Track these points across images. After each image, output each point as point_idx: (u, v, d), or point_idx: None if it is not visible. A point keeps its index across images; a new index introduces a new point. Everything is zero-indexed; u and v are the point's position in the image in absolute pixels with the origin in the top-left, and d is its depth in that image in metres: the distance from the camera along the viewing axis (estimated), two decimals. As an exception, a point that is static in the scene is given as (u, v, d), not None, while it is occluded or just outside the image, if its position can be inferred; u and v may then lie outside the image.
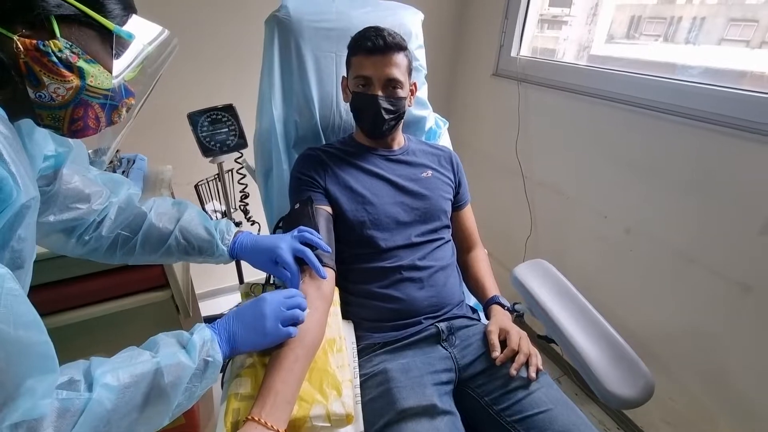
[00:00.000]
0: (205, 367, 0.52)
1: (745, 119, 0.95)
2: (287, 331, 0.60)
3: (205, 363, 0.52)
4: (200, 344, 0.53)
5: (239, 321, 0.59)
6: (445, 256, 0.89)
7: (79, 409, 0.41)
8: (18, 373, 0.36)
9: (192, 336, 0.53)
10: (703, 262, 1.08)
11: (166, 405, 0.49)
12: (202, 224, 0.73)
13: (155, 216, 0.70)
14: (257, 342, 0.59)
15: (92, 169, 0.69)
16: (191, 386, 0.51)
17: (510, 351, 0.74)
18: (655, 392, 0.76)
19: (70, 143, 0.62)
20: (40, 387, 0.38)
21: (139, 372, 0.47)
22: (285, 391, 0.57)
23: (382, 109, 0.83)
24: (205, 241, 0.72)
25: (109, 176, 0.71)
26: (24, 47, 0.41)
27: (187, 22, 1.36)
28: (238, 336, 0.58)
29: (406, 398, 0.66)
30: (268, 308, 0.60)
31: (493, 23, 1.61)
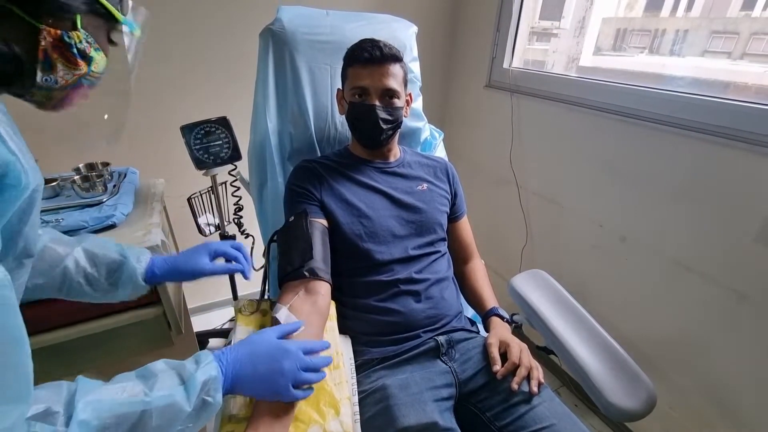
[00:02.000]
0: (201, 407, 0.47)
1: (736, 128, 0.96)
2: (295, 395, 0.54)
3: (203, 402, 0.47)
4: (202, 383, 0.48)
5: (252, 365, 0.53)
6: (441, 269, 0.88)
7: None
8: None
9: (196, 373, 0.48)
10: (698, 270, 1.08)
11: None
12: (110, 245, 0.66)
13: (51, 239, 0.62)
14: (261, 395, 0.55)
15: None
16: (183, 428, 0.46)
17: (511, 364, 0.73)
18: (659, 410, 0.75)
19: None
20: (7, 418, 0.34)
21: (124, 412, 0.42)
22: (279, 411, 0.55)
23: (380, 119, 0.83)
24: (115, 262, 0.64)
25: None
26: (50, 37, 0.41)
27: (181, 34, 1.36)
28: (245, 382, 0.52)
29: (406, 416, 0.64)
30: (287, 365, 0.54)
31: (485, 36, 1.64)
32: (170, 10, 1.32)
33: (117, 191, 0.96)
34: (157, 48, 1.34)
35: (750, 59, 1.09)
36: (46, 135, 1.29)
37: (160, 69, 1.37)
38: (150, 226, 0.88)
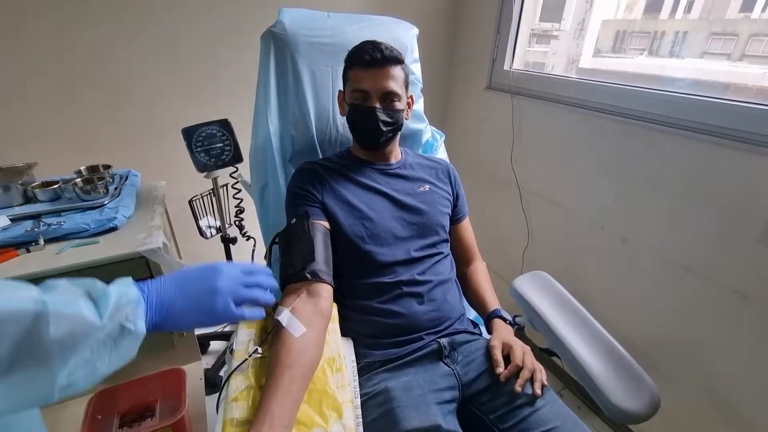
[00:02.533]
0: (119, 333, 0.39)
1: (737, 129, 0.96)
2: (241, 313, 0.49)
3: (120, 328, 0.39)
4: (116, 301, 0.39)
5: (180, 291, 0.47)
6: (444, 271, 0.88)
7: None
8: None
9: (108, 288, 0.40)
10: (700, 271, 1.08)
11: (48, 374, 0.34)
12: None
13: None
14: (199, 321, 0.48)
15: None
16: (93, 359, 0.37)
17: (514, 367, 0.72)
18: (663, 411, 0.75)
19: None
20: None
21: (13, 309, 0.33)
22: (281, 414, 0.55)
23: (380, 121, 0.83)
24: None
25: None
26: None
27: (182, 37, 1.36)
28: (176, 309, 0.45)
29: (410, 418, 0.63)
30: (223, 283, 0.49)
31: (486, 38, 1.64)
32: (172, 14, 1.33)
33: (118, 194, 0.96)
34: (159, 51, 1.35)
35: (749, 60, 1.09)
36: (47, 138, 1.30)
37: (162, 71, 1.37)
38: (152, 228, 0.88)
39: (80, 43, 1.25)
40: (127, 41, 1.30)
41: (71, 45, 1.24)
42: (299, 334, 0.63)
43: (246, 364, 0.64)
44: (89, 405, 0.98)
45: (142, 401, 1.05)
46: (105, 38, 1.27)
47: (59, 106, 1.28)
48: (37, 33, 1.19)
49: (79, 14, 1.22)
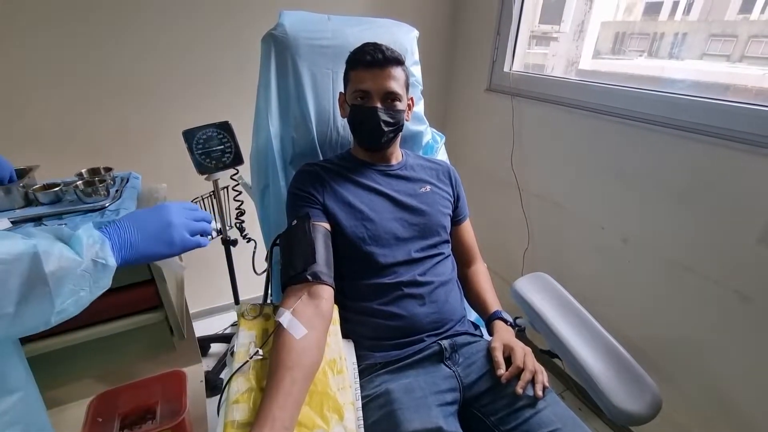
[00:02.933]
0: (93, 268, 0.46)
1: (736, 130, 0.96)
2: (197, 241, 0.57)
3: (93, 264, 0.46)
4: (87, 242, 0.46)
5: (137, 229, 0.53)
6: (445, 272, 0.88)
7: None
8: None
9: (76, 232, 0.46)
10: (700, 271, 1.08)
11: (49, 301, 0.41)
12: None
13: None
14: (161, 252, 0.55)
15: None
16: (77, 289, 0.44)
17: (515, 368, 0.72)
18: (664, 413, 0.75)
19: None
20: None
21: (14, 251, 0.39)
22: (283, 416, 0.55)
23: (382, 121, 0.83)
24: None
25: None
26: None
27: (182, 39, 1.37)
28: (138, 244, 0.52)
29: (411, 421, 0.63)
30: (174, 217, 0.56)
31: (485, 40, 1.64)
32: (172, 17, 1.33)
33: (119, 196, 0.96)
34: (159, 53, 1.35)
35: (749, 62, 1.09)
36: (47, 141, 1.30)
37: (162, 74, 1.38)
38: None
39: (80, 46, 1.25)
40: (127, 43, 1.30)
41: (72, 48, 1.25)
42: (300, 336, 0.63)
43: (247, 366, 0.64)
44: (90, 407, 0.98)
45: (142, 403, 1.05)
46: (105, 41, 1.28)
47: (60, 109, 1.29)
48: (37, 36, 1.20)
49: (80, 17, 1.23)
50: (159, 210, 0.57)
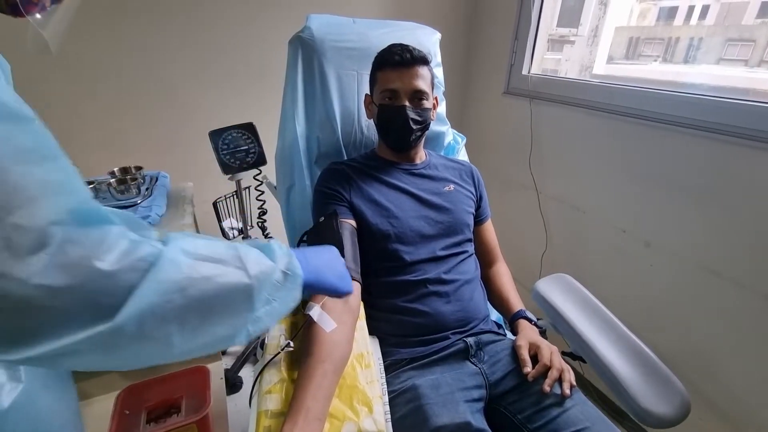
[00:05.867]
0: (284, 279, 0.44)
1: (761, 130, 0.95)
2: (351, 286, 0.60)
3: (284, 275, 0.45)
4: (279, 252, 0.45)
5: (317, 257, 0.55)
6: (469, 270, 0.88)
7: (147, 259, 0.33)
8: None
9: (270, 243, 0.46)
10: (726, 274, 1.06)
11: (248, 303, 0.40)
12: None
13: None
14: (333, 284, 0.56)
15: None
16: (270, 298, 0.43)
17: (542, 366, 0.72)
18: (693, 424, 0.73)
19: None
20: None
21: (218, 250, 0.39)
22: (316, 407, 0.56)
23: (410, 119, 0.84)
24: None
25: None
26: None
27: (208, 44, 1.41)
28: (319, 269, 0.53)
29: (439, 415, 0.64)
30: (338, 254, 0.61)
31: (504, 44, 1.65)
32: (199, 24, 1.37)
33: (150, 194, 0.99)
34: (186, 58, 1.39)
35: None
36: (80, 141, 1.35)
37: (189, 77, 1.42)
38: (183, 226, 0.91)
39: (114, 55, 1.30)
40: (157, 51, 1.35)
41: (104, 52, 1.29)
42: (330, 330, 0.64)
43: (278, 358, 0.65)
44: (118, 400, 1.00)
45: (168, 398, 1.07)
46: (137, 49, 1.32)
47: (92, 111, 1.33)
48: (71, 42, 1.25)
49: (114, 29, 1.27)
50: (328, 249, 0.61)
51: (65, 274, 0.28)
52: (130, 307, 0.31)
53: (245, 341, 0.43)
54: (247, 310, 0.40)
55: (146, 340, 0.33)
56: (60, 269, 0.28)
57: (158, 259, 0.33)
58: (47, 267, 0.27)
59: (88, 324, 0.30)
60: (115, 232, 0.32)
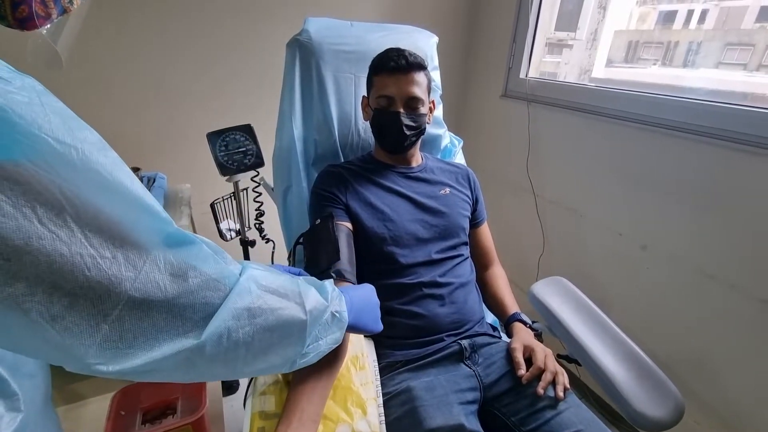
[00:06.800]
0: (332, 319, 0.48)
1: (758, 135, 0.96)
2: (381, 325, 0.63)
3: (332, 316, 0.48)
4: (332, 293, 0.49)
5: (363, 301, 0.58)
6: (464, 273, 0.89)
7: (227, 283, 0.37)
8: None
9: (324, 283, 0.50)
10: (722, 278, 1.06)
11: (301, 338, 0.43)
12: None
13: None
14: (369, 327, 0.60)
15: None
16: (319, 335, 0.45)
17: (536, 369, 0.73)
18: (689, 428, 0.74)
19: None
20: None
21: (284, 284, 0.42)
22: (310, 409, 0.56)
23: (404, 125, 0.85)
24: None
25: None
26: None
27: (207, 46, 1.41)
28: (361, 314, 0.56)
29: (433, 417, 0.64)
30: (377, 299, 0.64)
31: (502, 47, 1.66)
32: (199, 26, 1.38)
33: (147, 195, 1.00)
34: (185, 60, 1.40)
35: (767, 71, 1.08)
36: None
37: (187, 79, 1.42)
38: (180, 227, 0.91)
39: (114, 56, 1.30)
40: (155, 52, 1.35)
41: (103, 55, 1.30)
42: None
43: (273, 360, 0.65)
44: (113, 401, 1.00)
45: (164, 399, 1.07)
46: (137, 50, 1.33)
47: (90, 112, 1.33)
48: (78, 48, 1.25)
49: (115, 28, 1.28)
50: (368, 289, 0.64)
51: (161, 288, 0.33)
52: (212, 326, 0.35)
53: (288, 371, 0.46)
54: (299, 344, 0.44)
55: (217, 362, 0.37)
56: (157, 285, 0.33)
57: (236, 284, 0.37)
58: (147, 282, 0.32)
59: (176, 338, 0.33)
60: (203, 252, 0.36)
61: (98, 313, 0.30)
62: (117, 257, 0.31)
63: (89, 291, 0.29)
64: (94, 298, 0.30)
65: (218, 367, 0.37)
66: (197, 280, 0.35)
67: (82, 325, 0.30)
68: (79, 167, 0.30)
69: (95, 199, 0.30)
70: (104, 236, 0.30)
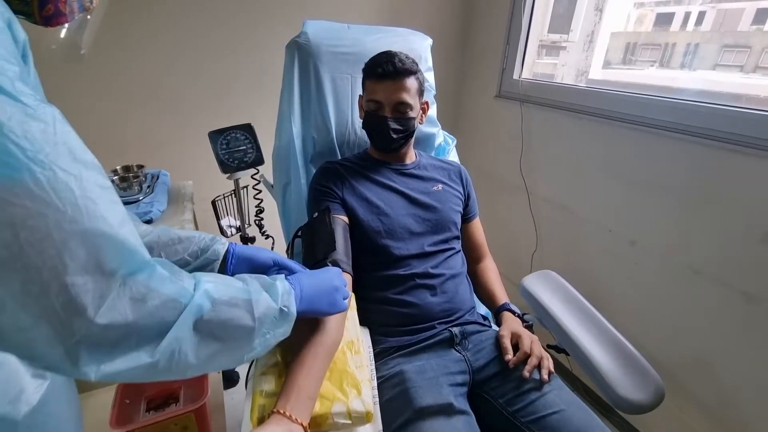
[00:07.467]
0: (280, 315, 0.52)
1: (741, 134, 1.00)
2: (346, 305, 0.66)
3: (280, 312, 0.52)
4: (281, 291, 0.53)
5: (315, 285, 0.62)
6: (456, 265, 0.92)
7: (182, 301, 0.41)
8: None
9: (275, 282, 0.54)
10: (707, 272, 1.10)
11: (249, 341, 0.48)
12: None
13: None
14: (324, 311, 0.63)
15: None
16: (266, 332, 0.50)
17: (522, 354, 0.76)
18: (664, 403, 0.78)
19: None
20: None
21: (236, 295, 0.47)
22: (307, 387, 0.60)
23: (391, 129, 0.88)
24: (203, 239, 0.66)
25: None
26: None
27: (208, 47, 1.45)
28: (312, 300, 0.60)
29: (423, 397, 0.68)
30: (338, 281, 0.66)
31: (496, 49, 1.71)
32: (201, 28, 1.42)
33: (152, 191, 1.03)
34: (188, 61, 1.44)
35: (763, 72, 1.10)
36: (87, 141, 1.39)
37: (190, 80, 1.46)
38: (184, 222, 0.95)
39: (117, 53, 1.34)
40: (159, 53, 1.39)
41: (109, 55, 1.33)
42: (322, 317, 0.68)
43: (273, 344, 0.69)
44: (118, 390, 1.03)
45: (167, 388, 1.11)
46: (136, 49, 1.37)
47: (96, 111, 1.37)
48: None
49: (121, 27, 1.32)
50: (328, 273, 0.66)
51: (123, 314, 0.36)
52: (164, 344, 0.39)
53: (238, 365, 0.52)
54: (247, 347, 0.49)
55: (171, 371, 0.41)
56: (119, 311, 0.36)
57: (190, 301, 0.41)
58: (111, 309, 0.35)
59: (131, 355, 0.37)
60: (160, 274, 0.40)
61: (59, 335, 0.33)
62: (87, 284, 0.33)
63: (54, 316, 0.32)
64: (58, 323, 0.33)
65: (169, 375, 0.42)
66: (155, 301, 0.38)
67: (44, 344, 0.33)
68: (75, 193, 0.33)
69: (82, 226, 0.33)
70: (80, 262, 0.33)
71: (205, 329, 0.43)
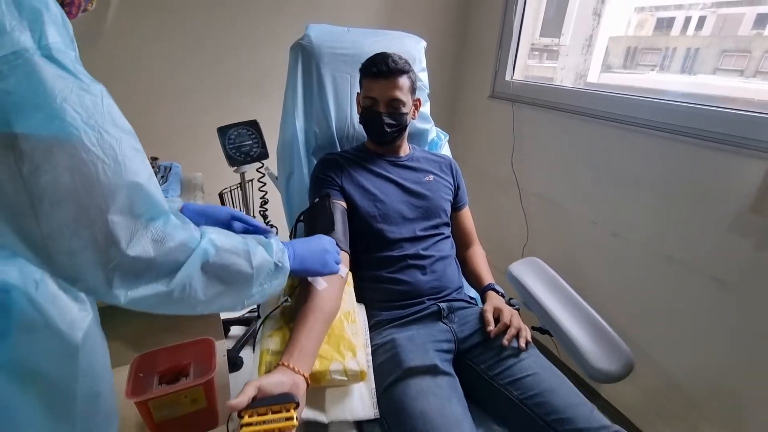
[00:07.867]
0: (275, 269, 0.59)
1: (714, 131, 1.07)
2: (338, 267, 0.74)
3: (275, 266, 0.59)
4: (276, 248, 0.60)
5: (307, 248, 0.69)
6: (445, 249, 1.00)
7: (191, 246, 0.48)
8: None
9: (270, 241, 0.61)
10: (680, 259, 1.18)
11: (248, 287, 0.55)
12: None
13: None
14: (317, 270, 0.71)
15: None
16: (264, 282, 0.57)
17: (503, 325, 0.84)
18: (645, 386, 0.84)
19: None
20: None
21: (236, 245, 0.53)
22: (308, 345, 0.68)
23: (385, 124, 0.97)
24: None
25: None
26: None
27: (217, 48, 1.54)
28: (305, 260, 0.67)
29: (412, 359, 0.76)
30: (329, 246, 0.74)
31: (489, 51, 1.79)
32: (209, 31, 1.51)
33: (166, 180, 1.12)
34: (198, 61, 1.53)
35: (763, 77, 1.12)
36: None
37: (200, 79, 1.55)
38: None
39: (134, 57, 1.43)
40: (171, 53, 1.48)
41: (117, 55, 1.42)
42: (321, 288, 0.76)
43: (278, 311, 0.77)
44: (133, 365, 1.11)
45: (177, 364, 1.18)
46: (155, 52, 1.46)
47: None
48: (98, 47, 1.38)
49: (127, 27, 1.41)
50: (319, 239, 0.74)
51: (146, 250, 0.44)
52: (178, 278, 0.47)
53: (241, 310, 0.61)
54: (247, 291, 0.56)
55: (182, 303, 0.49)
56: (143, 248, 0.44)
57: (198, 246, 0.49)
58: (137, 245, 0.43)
59: (151, 284, 0.46)
60: (174, 222, 0.48)
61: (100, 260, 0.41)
62: (122, 222, 0.41)
63: (97, 244, 0.41)
64: (99, 250, 0.41)
65: (183, 307, 0.50)
66: (171, 244, 0.46)
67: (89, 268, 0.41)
68: (117, 152, 0.42)
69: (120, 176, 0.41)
70: (118, 204, 0.41)
71: (210, 271, 0.50)
